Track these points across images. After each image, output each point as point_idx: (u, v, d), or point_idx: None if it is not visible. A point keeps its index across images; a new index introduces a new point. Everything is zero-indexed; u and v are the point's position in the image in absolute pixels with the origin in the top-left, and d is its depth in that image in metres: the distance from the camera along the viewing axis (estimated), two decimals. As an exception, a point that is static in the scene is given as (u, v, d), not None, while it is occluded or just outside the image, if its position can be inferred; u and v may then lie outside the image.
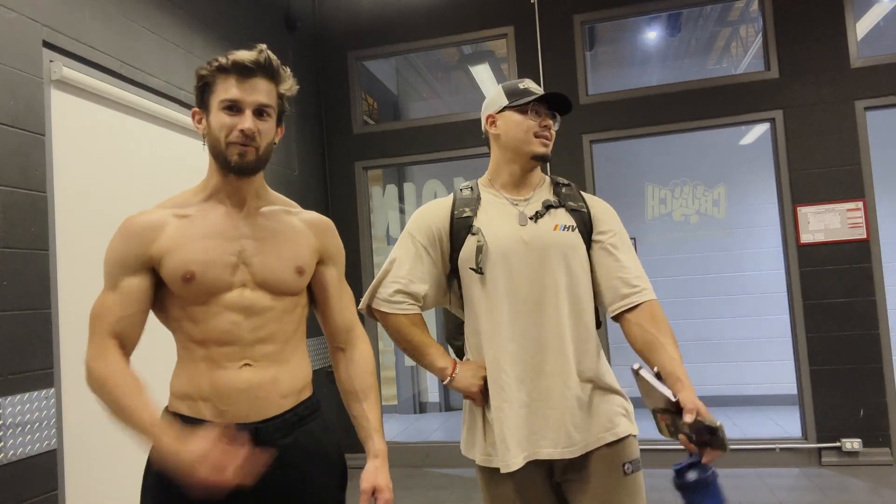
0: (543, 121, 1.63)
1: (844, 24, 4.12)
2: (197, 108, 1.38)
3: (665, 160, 5.70)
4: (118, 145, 2.81)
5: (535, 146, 1.63)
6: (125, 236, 1.33)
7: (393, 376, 6.49)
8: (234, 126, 1.31)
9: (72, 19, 2.59)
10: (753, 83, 4.22)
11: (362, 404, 1.48)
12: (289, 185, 4.27)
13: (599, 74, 6.37)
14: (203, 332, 1.32)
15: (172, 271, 1.30)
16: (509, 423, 1.54)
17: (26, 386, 2.24)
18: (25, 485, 2.21)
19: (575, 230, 1.62)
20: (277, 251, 1.38)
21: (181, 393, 1.34)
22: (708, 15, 5.69)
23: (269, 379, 1.34)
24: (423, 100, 6.80)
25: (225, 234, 1.35)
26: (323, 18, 4.88)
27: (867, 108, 4.06)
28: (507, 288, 1.58)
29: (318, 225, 1.48)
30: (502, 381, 1.56)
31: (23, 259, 2.28)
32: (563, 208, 1.64)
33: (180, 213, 1.36)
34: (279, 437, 1.34)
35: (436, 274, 1.66)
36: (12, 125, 2.28)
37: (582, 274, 1.62)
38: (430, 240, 1.65)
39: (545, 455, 1.55)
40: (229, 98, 1.31)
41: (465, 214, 1.63)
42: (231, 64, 1.31)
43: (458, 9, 4.68)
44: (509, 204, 1.65)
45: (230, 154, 1.31)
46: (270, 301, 1.36)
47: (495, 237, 1.60)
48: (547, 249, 1.59)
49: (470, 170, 5.56)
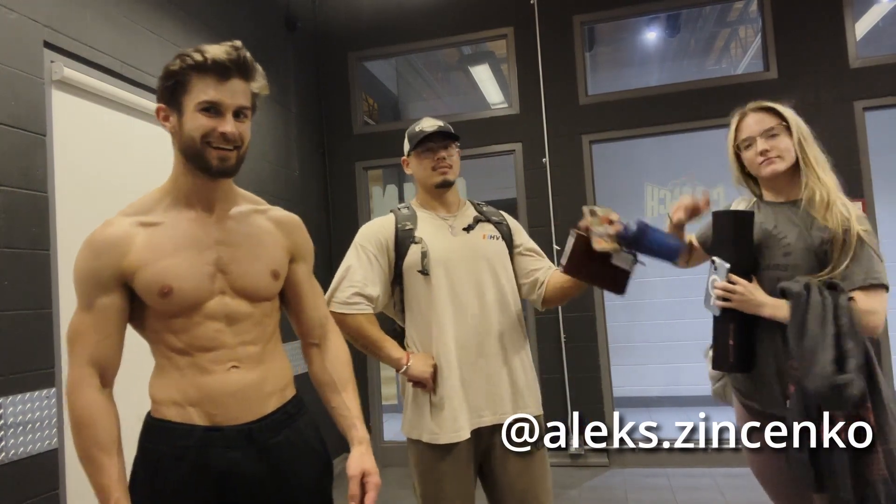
0: (437, 154, 1.93)
1: (843, 24, 4.12)
2: (163, 104, 1.30)
3: (665, 160, 5.71)
4: (119, 145, 2.81)
5: (435, 178, 1.94)
6: (94, 253, 1.28)
7: (393, 375, 6.49)
8: (213, 129, 1.25)
9: (73, 20, 2.59)
10: (753, 83, 4.24)
11: (341, 395, 1.48)
12: (289, 185, 4.27)
13: (599, 75, 6.37)
14: (186, 341, 1.29)
15: (147, 286, 1.26)
16: (457, 400, 1.84)
17: (27, 386, 2.25)
18: (26, 484, 2.22)
19: (500, 239, 1.99)
20: (253, 257, 1.36)
21: (167, 400, 1.31)
22: (707, 15, 5.70)
23: (257, 379, 1.34)
24: (423, 100, 6.81)
25: (199, 243, 1.31)
26: (323, 18, 4.89)
27: (866, 109, 4.07)
28: (449, 287, 1.88)
29: (286, 224, 1.46)
30: (451, 364, 1.85)
31: (23, 259, 2.28)
32: (489, 222, 2.00)
33: (147, 222, 1.30)
34: (270, 436, 1.34)
35: (384, 280, 1.92)
36: (13, 125, 2.28)
37: (508, 274, 1.97)
38: (378, 249, 1.91)
39: (487, 422, 1.87)
40: (208, 100, 1.25)
41: (407, 227, 1.93)
42: (210, 63, 1.24)
43: (458, 9, 4.68)
44: (440, 219, 1.97)
45: (210, 158, 1.27)
46: (249, 307, 1.35)
47: (435, 245, 1.90)
48: (479, 255, 1.92)
49: (470, 170, 5.57)
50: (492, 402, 1.88)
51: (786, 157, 1.76)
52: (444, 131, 1.94)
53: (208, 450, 1.28)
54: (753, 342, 1.74)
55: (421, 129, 1.95)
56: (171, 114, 1.29)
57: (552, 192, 4.47)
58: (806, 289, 1.61)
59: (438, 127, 1.94)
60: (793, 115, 1.79)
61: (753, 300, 1.68)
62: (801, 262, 1.69)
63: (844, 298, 1.59)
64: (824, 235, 1.67)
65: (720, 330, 1.77)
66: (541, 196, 4.50)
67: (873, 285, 1.63)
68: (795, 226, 1.72)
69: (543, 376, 4.15)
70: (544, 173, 4.49)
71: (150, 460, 1.30)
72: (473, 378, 1.87)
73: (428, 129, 1.94)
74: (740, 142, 1.84)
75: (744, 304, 1.69)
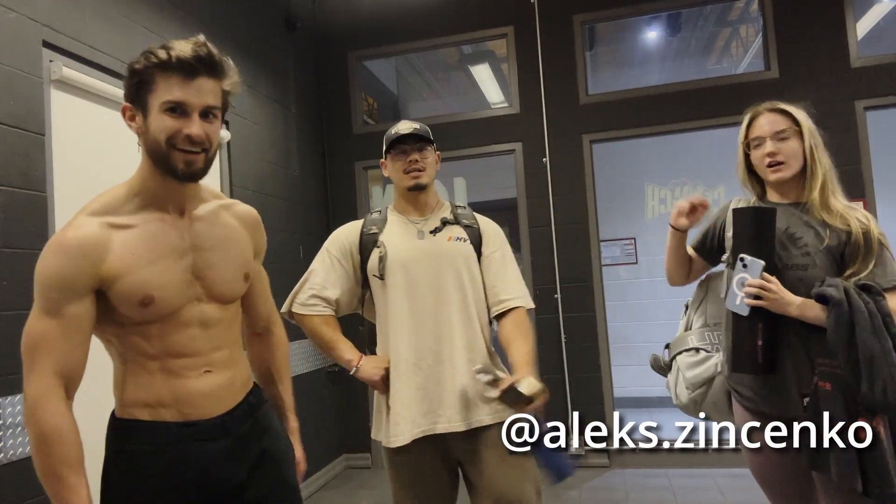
0: (409, 156, 1.93)
1: (844, 24, 4.12)
2: (129, 104, 1.25)
3: (665, 160, 5.70)
4: (118, 145, 2.80)
5: (406, 181, 1.94)
6: (66, 256, 1.19)
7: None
8: (178, 130, 1.20)
9: (72, 19, 2.59)
10: (753, 83, 4.24)
11: (278, 386, 1.55)
12: (288, 185, 4.27)
13: (599, 74, 6.36)
14: (158, 347, 1.27)
15: (127, 295, 1.22)
16: (404, 404, 1.83)
17: (26, 386, 2.24)
18: (26, 485, 2.21)
19: (467, 241, 1.95)
20: (226, 261, 1.36)
21: (136, 401, 1.28)
22: (708, 15, 5.69)
23: (228, 379, 1.37)
24: (423, 100, 6.81)
25: (175, 250, 1.28)
26: (323, 18, 4.88)
27: (867, 108, 4.06)
28: (407, 290, 1.87)
29: (249, 221, 1.47)
30: (401, 368, 1.85)
31: (23, 259, 2.28)
32: (458, 224, 1.97)
33: (117, 223, 1.24)
34: (241, 425, 1.37)
35: (349, 283, 1.95)
36: (12, 125, 2.28)
37: (473, 277, 1.92)
38: (342, 252, 1.95)
39: (440, 429, 1.82)
40: (173, 100, 1.20)
41: (371, 231, 1.95)
42: (175, 61, 1.18)
43: (458, 9, 4.68)
44: (410, 223, 1.97)
45: (176, 161, 1.22)
46: (220, 312, 1.35)
47: (396, 249, 1.90)
48: (442, 257, 1.90)
49: (470, 170, 5.57)
50: (445, 409, 1.83)
51: (792, 164, 1.76)
52: (417, 134, 1.93)
53: (186, 444, 1.29)
54: (779, 342, 1.72)
55: (396, 132, 1.96)
56: (137, 113, 1.25)
57: (552, 192, 4.47)
58: (846, 293, 1.60)
59: (413, 129, 1.94)
60: (806, 120, 1.79)
61: (784, 299, 1.68)
62: (821, 263, 1.70)
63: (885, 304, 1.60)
64: (842, 237, 1.69)
65: (746, 330, 1.73)
66: (541, 196, 4.50)
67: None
68: (810, 227, 1.73)
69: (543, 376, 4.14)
70: (544, 173, 4.49)
71: (125, 460, 1.28)
72: (427, 383, 1.84)
73: (403, 131, 1.94)
74: (750, 140, 1.83)
75: (775, 303, 1.68)
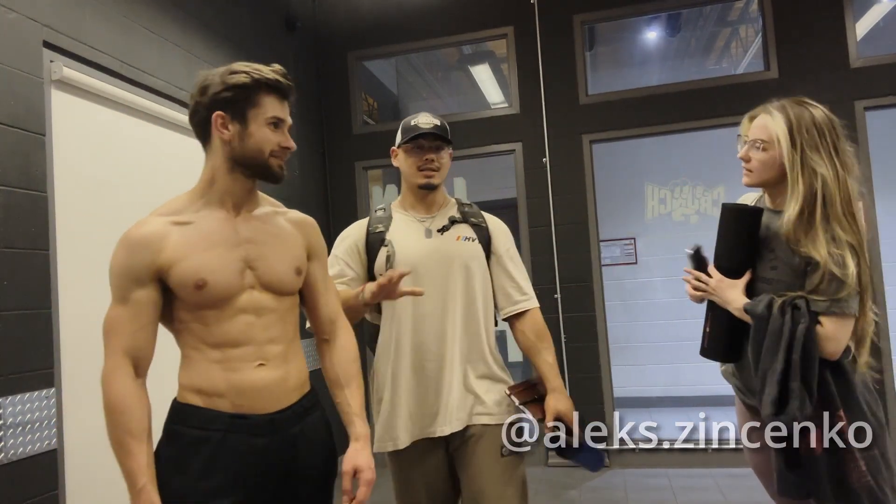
0: (426, 154, 1.86)
1: (844, 24, 4.12)
2: (222, 112, 1.38)
3: (665, 160, 5.70)
4: (118, 145, 2.81)
5: (419, 179, 1.88)
6: (130, 248, 1.35)
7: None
8: (278, 142, 1.41)
9: (72, 19, 2.59)
10: (753, 83, 4.24)
11: (345, 391, 1.57)
12: (289, 185, 4.26)
13: (599, 74, 6.36)
14: (217, 334, 1.37)
15: (183, 279, 1.34)
16: (404, 406, 1.81)
17: (26, 386, 2.25)
18: (26, 485, 2.22)
19: (475, 241, 1.90)
20: (278, 254, 1.46)
21: (195, 388, 1.38)
22: (707, 15, 5.69)
23: (282, 376, 1.43)
24: (423, 100, 6.81)
25: (228, 241, 1.40)
26: (323, 18, 4.88)
27: (867, 109, 4.06)
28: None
29: (304, 224, 1.57)
30: (402, 369, 1.82)
31: (23, 259, 2.28)
32: (467, 223, 1.92)
33: (179, 221, 1.39)
34: (290, 426, 1.42)
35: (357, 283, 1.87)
36: (12, 125, 2.28)
37: (480, 278, 1.88)
38: (348, 253, 1.92)
39: (438, 432, 1.80)
40: (277, 116, 1.40)
41: (378, 230, 1.90)
42: (277, 83, 1.40)
43: (458, 9, 4.68)
44: (417, 221, 1.91)
45: (274, 166, 1.42)
46: (274, 302, 1.44)
47: (404, 248, 1.85)
48: (451, 257, 1.86)
49: (470, 170, 5.57)
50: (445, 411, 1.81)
51: (761, 173, 1.71)
52: (437, 133, 1.86)
53: (234, 435, 1.36)
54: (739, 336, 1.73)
55: (416, 125, 1.87)
56: (232, 123, 1.39)
57: (552, 192, 4.47)
58: (768, 310, 1.59)
59: (434, 126, 1.86)
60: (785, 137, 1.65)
61: (721, 297, 1.71)
62: (785, 278, 1.66)
63: (802, 328, 1.54)
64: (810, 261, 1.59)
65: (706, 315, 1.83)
66: (541, 196, 4.50)
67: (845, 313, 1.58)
68: (781, 241, 1.66)
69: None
70: (544, 173, 4.49)
71: (175, 441, 1.37)
72: (428, 384, 1.82)
73: (423, 126, 1.86)
74: (744, 137, 1.81)
75: (714, 298, 1.73)
